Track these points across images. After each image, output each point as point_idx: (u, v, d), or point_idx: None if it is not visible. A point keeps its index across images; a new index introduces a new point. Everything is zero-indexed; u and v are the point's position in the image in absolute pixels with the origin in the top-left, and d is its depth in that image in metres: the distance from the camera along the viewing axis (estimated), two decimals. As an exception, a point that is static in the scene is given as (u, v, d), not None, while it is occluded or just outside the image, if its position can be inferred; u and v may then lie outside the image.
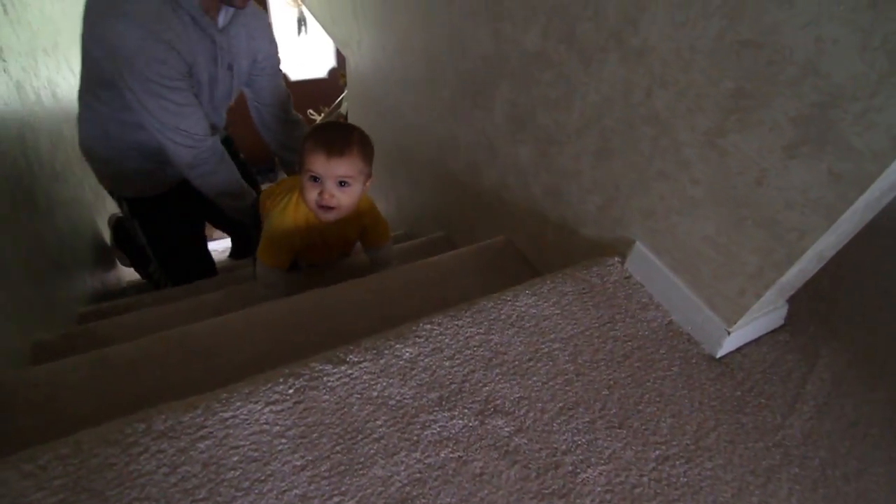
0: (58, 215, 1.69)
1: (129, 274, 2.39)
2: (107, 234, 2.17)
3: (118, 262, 2.16)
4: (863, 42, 0.61)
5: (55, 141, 1.80)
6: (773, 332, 0.96)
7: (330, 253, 1.34)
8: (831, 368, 0.91)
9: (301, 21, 5.65)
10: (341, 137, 1.04)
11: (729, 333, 0.87)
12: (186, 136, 1.28)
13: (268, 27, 1.48)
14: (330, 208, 1.06)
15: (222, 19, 1.27)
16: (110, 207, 2.25)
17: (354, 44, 2.34)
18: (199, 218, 1.75)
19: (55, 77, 1.97)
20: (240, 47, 1.38)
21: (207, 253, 1.86)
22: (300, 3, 4.65)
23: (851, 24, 0.61)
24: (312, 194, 1.05)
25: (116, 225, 1.99)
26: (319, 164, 1.02)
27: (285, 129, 1.69)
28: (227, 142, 1.70)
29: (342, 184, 1.05)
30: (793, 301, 0.98)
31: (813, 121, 0.68)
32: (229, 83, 1.42)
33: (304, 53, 5.35)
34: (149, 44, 1.10)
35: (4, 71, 1.45)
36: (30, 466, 0.62)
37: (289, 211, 1.14)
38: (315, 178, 1.04)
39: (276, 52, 1.55)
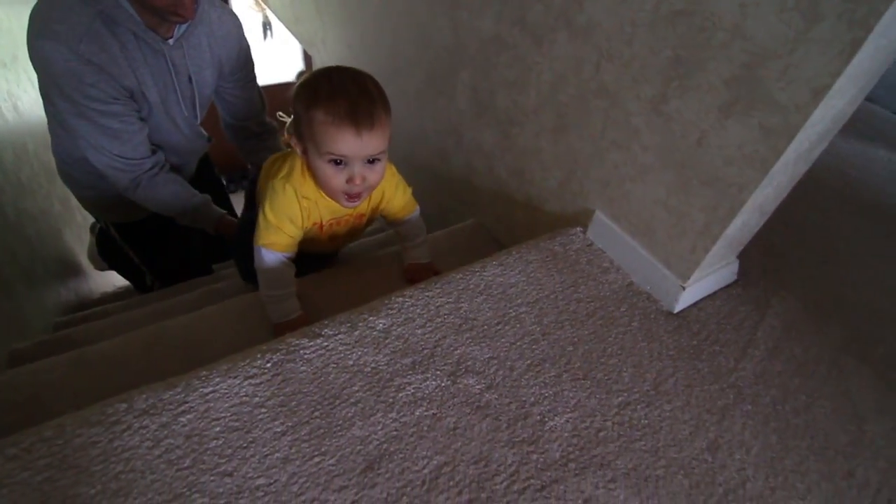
0: (27, 227, 1.68)
1: (102, 284, 2.37)
2: (81, 244, 2.14)
3: (93, 269, 2.12)
4: (780, 3, 0.67)
5: (19, 153, 1.78)
6: (727, 287, 1.02)
7: (338, 241, 1.13)
8: (781, 316, 0.97)
9: (266, 25, 5.63)
10: (364, 101, 0.82)
11: (684, 289, 0.92)
12: (121, 160, 1.19)
13: (233, 34, 1.33)
14: (358, 194, 0.88)
15: (175, 31, 1.16)
16: (82, 218, 2.23)
17: (319, 42, 2.35)
18: (190, 231, 1.60)
19: (16, 90, 1.95)
20: (202, 58, 1.27)
21: (205, 260, 1.80)
22: (264, 6, 4.63)
23: (768, -13, 0.67)
24: (338, 181, 0.85)
25: (101, 234, 1.91)
26: (346, 144, 0.80)
27: (260, 142, 1.58)
28: (206, 162, 1.63)
29: (371, 161, 0.85)
30: (745, 258, 1.04)
31: (743, 80, 0.74)
32: (193, 97, 1.31)
33: (271, 58, 5.34)
34: (76, 66, 1.03)
35: (-37, 82, 1.45)
36: (13, 450, 0.64)
37: (293, 183, 0.91)
38: (339, 162, 0.83)
39: (247, 62, 1.44)
